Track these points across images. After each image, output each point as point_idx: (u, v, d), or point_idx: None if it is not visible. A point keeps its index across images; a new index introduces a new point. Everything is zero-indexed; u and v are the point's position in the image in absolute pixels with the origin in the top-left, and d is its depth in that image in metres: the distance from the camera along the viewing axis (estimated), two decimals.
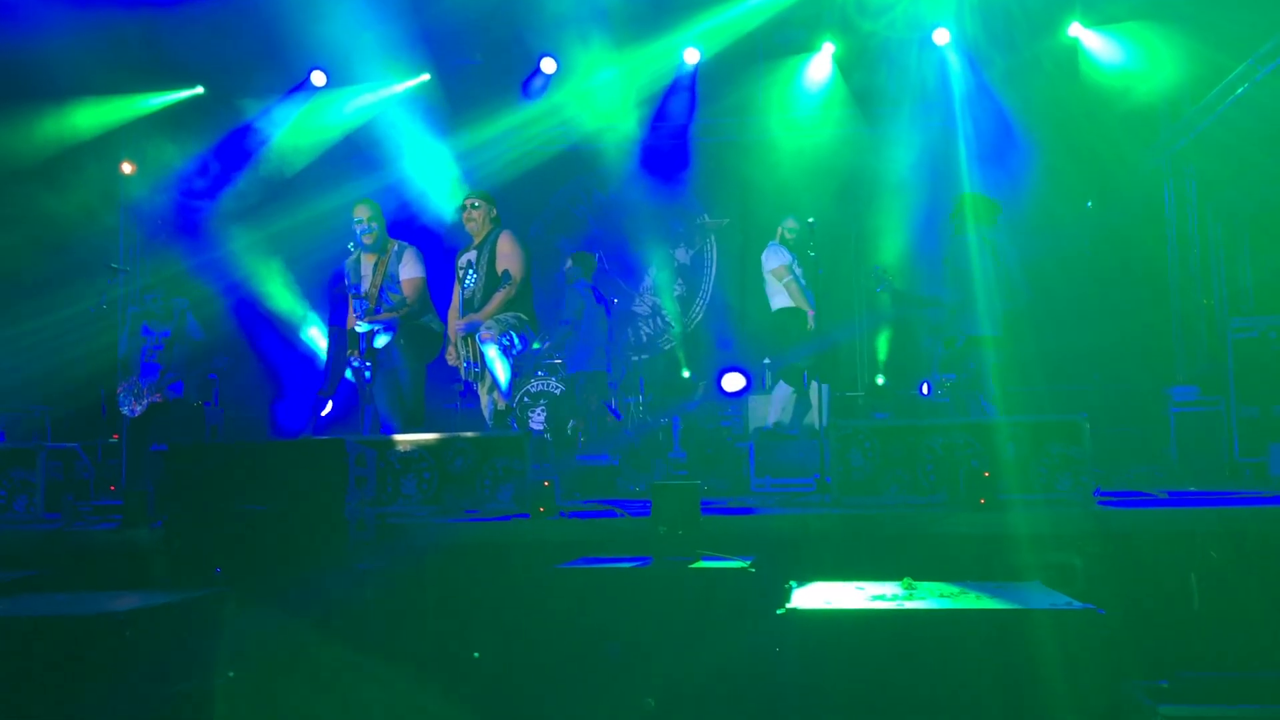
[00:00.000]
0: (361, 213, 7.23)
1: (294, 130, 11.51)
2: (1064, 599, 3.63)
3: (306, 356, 11.53)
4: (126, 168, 11.65)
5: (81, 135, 10.63)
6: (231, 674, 4.34)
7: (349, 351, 7.16)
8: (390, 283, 7.18)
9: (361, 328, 7.10)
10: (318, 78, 11.12)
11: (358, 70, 11.01)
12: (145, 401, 8.44)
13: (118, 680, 3.85)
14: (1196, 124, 9.71)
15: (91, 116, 10.72)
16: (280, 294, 11.38)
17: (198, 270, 11.52)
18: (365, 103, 11.49)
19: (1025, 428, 5.36)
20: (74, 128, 10.55)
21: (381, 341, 7.11)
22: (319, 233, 10.43)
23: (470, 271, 7.16)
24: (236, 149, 11.54)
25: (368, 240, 7.22)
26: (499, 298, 7.07)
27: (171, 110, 11.28)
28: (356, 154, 11.65)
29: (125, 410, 8.53)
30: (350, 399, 8.92)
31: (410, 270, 7.22)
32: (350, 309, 7.41)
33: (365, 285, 7.21)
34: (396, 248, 7.28)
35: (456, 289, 7.36)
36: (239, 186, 11.66)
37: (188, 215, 11.75)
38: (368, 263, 7.28)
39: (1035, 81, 10.65)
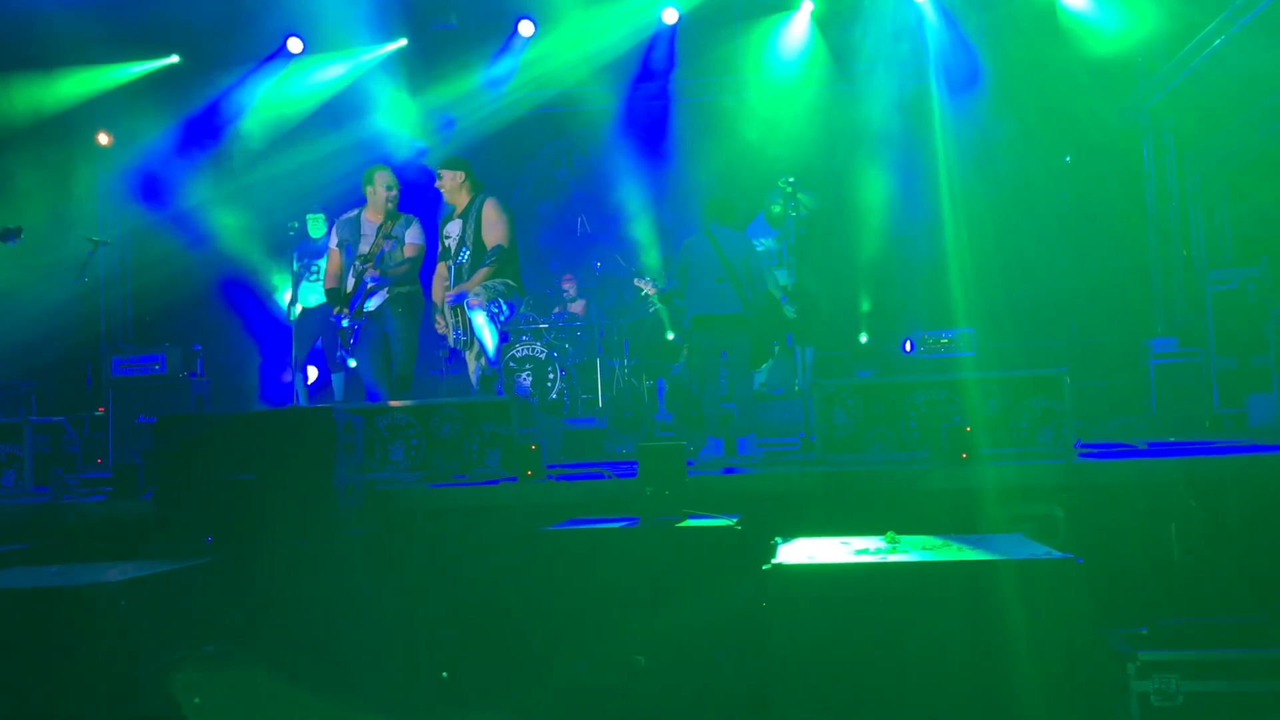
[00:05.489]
0: (389, 179, 7.20)
1: (271, 97, 11.42)
2: (1044, 549, 3.68)
3: (284, 323, 11.50)
4: (103, 139, 11.57)
5: (58, 106, 10.57)
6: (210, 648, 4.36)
7: (336, 309, 7.07)
8: (392, 243, 7.12)
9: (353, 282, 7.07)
10: (294, 44, 11.02)
11: (334, 36, 10.91)
12: None
13: (111, 650, 3.88)
14: (1174, 77, 9.69)
15: (68, 87, 10.64)
16: (258, 261, 11.32)
17: (174, 237, 11.49)
18: (343, 69, 11.39)
19: (1006, 383, 5.43)
20: (51, 98, 10.48)
21: (373, 304, 7.07)
22: (296, 198, 10.36)
23: (456, 241, 7.14)
24: (213, 117, 11.45)
25: (392, 207, 7.20)
26: (487, 267, 7.05)
27: (148, 80, 11.18)
28: (334, 121, 11.55)
29: None
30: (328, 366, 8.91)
31: (415, 237, 7.19)
32: (336, 267, 7.32)
33: (364, 244, 7.16)
34: (405, 219, 7.24)
35: (440, 256, 7.33)
36: (216, 154, 11.58)
37: (164, 185, 11.66)
38: (371, 223, 7.21)
39: (1012, 37, 10.62)
